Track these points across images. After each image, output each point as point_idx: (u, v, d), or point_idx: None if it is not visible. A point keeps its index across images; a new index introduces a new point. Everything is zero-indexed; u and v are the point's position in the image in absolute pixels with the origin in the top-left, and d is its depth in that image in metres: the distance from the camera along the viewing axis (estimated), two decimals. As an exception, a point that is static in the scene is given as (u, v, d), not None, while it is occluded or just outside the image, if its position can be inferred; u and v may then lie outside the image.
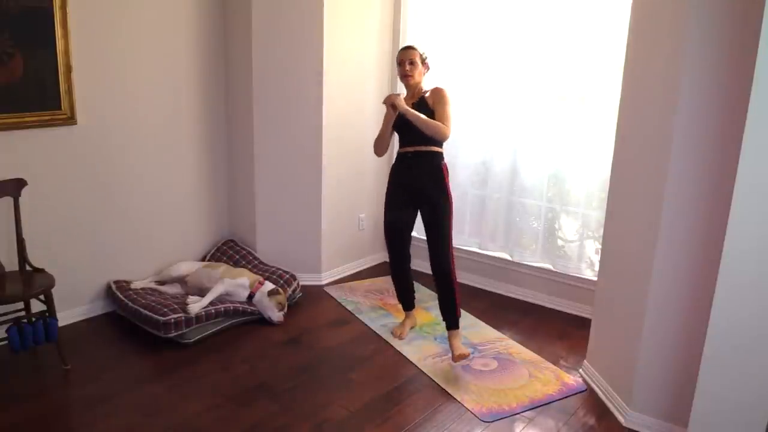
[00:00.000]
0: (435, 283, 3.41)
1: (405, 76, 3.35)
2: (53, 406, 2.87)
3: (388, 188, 3.52)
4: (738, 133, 2.17)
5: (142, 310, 3.43)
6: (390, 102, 3.27)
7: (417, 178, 3.35)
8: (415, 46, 3.38)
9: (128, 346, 3.41)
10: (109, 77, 3.58)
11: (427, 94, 3.33)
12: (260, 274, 3.95)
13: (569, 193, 3.96)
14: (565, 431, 2.79)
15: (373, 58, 4.44)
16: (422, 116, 3.21)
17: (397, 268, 3.60)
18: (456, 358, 3.26)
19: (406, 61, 3.34)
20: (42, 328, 3.00)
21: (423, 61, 3.36)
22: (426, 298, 4.06)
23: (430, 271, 3.44)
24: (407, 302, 3.69)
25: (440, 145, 3.33)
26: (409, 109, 3.24)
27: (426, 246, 3.41)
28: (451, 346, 3.34)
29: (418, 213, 3.45)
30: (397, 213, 3.46)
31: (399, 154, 3.44)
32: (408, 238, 3.54)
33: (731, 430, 2.36)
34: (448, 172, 3.37)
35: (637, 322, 2.75)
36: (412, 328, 3.69)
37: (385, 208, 3.51)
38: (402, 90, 4.30)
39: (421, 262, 4.00)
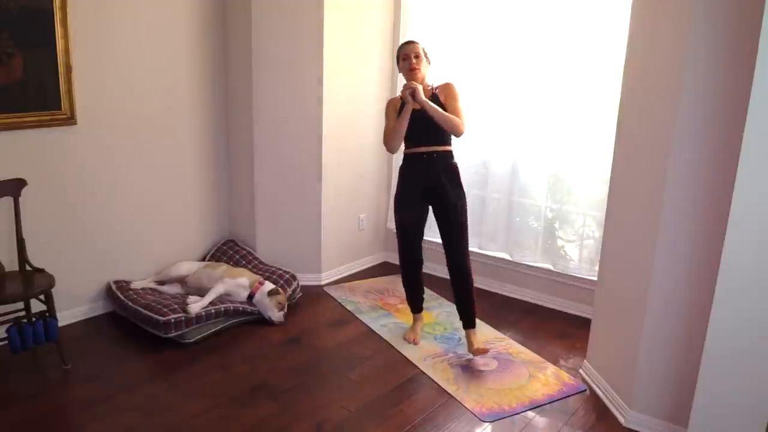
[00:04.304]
0: (453, 282, 3.42)
1: (412, 70, 3.30)
2: (53, 406, 2.87)
3: (399, 190, 3.43)
4: (738, 134, 2.17)
5: (142, 310, 3.43)
6: (411, 90, 3.19)
7: (434, 178, 3.31)
8: (416, 41, 3.39)
9: (128, 346, 3.41)
10: (109, 77, 3.58)
11: (437, 90, 3.33)
12: (260, 274, 3.95)
13: (569, 193, 3.96)
14: (565, 431, 2.80)
15: (374, 58, 4.45)
16: (440, 110, 3.22)
17: (411, 269, 3.53)
18: (475, 351, 3.33)
19: (411, 54, 3.32)
20: (42, 328, 3.00)
21: (425, 55, 3.36)
22: (427, 297, 4.04)
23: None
24: (418, 304, 3.64)
25: (451, 143, 3.36)
26: (428, 101, 3.21)
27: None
28: (469, 341, 3.40)
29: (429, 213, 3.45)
30: (412, 214, 3.40)
31: (410, 155, 3.36)
32: (421, 238, 3.50)
33: (731, 430, 2.36)
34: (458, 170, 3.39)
35: (637, 322, 2.75)
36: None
37: (398, 210, 3.43)
38: (400, 88, 4.35)
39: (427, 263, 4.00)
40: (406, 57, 3.32)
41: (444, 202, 3.33)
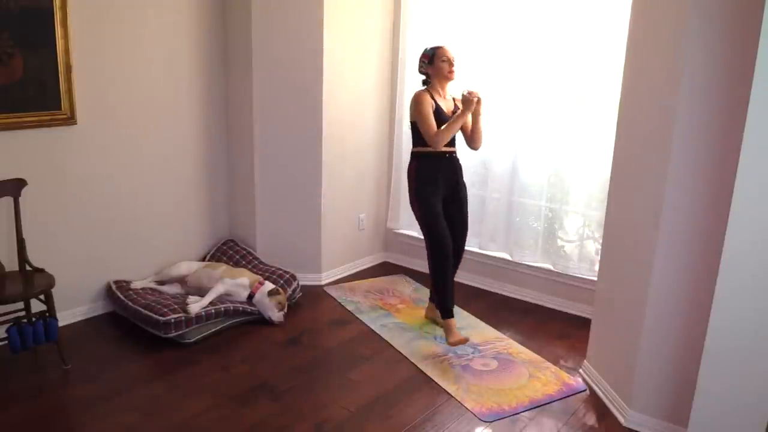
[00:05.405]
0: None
1: (451, 72, 3.42)
2: (53, 405, 2.87)
3: (426, 189, 3.43)
4: (738, 133, 2.18)
5: (142, 310, 3.43)
6: (478, 98, 3.36)
7: (457, 177, 3.55)
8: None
9: (128, 346, 3.41)
10: (109, 77, 3.58)
11: (458, 101, 3.46)
12: (260, 274, 3.95)
13: (569, 193, 3.96)
14: (565, 431, 2.80)
15: (373, 57, 4.45)
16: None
17: (450, 265, 3.48)
18: (458, 342, 3.47)
19: (452, 59, 3.41)
20: (42, 328, 3.00)
21: None
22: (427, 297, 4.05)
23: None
24: (452, 304, 3.54)
25: None
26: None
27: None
28: (451, 332, 3.50)
29: None
30: (442, 211, 3.47)
31: (435, 154, 3.42)
32: None
33: (731, 430, 2.36)
34: None
35: (637, 322, 2.75)
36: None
37: (431, 209, 3.42)
38: (406, 92, 4.36)
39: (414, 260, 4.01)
40: (448, 60, 3.40)
41: (461, 196, 3.57)
